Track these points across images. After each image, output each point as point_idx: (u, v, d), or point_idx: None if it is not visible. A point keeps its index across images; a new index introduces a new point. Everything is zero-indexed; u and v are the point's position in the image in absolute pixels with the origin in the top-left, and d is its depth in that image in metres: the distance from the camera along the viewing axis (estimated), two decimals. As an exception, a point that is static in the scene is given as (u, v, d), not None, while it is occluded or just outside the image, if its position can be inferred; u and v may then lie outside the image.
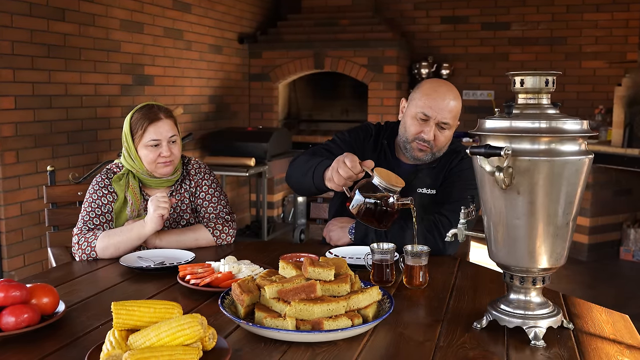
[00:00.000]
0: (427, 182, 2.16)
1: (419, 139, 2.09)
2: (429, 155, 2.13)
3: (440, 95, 2.06)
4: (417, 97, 2.10)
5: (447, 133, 2.10)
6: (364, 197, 1.69)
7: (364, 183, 1.73)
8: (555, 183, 1.24)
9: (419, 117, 2.08)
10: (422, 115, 2.07)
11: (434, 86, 2.11)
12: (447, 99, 2.06)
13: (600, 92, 5.73)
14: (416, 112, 2.08)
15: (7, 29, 3.36)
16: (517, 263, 1.32)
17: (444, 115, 2.05)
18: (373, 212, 1.69)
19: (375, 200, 1.68)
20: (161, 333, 1.14)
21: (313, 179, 1.98)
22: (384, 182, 1.66)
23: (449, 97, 2.06)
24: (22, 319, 1.31)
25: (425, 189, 2.15)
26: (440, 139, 2.09)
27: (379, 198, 1.68)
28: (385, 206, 1.68)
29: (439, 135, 2.09)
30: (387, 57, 5.66)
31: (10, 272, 3.48)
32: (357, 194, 1.71)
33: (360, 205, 1.69)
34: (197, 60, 5.21)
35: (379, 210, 1.69)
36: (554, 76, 1.31)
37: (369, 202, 1.68)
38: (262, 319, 1.31)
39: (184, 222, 2.16)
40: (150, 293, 1.63)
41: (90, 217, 2.04)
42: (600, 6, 5.70)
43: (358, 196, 1.70)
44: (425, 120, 2.07)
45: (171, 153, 2.08)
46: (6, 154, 3.41)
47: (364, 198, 1.69)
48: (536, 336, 1.28)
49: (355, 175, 1.76)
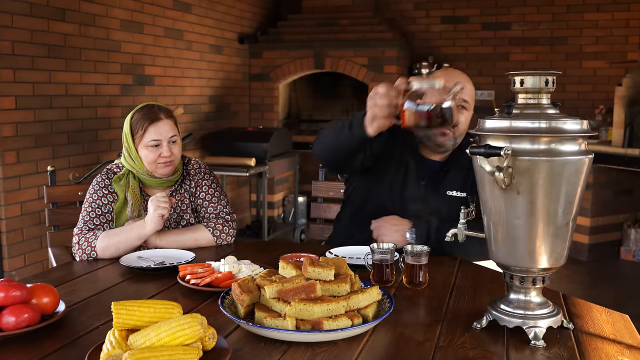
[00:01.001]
0: (457, 184, 2.09)
1: None
2: (451, 141, 2.07)
3: (454, 77, 2.02)
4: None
5: (466, 114, 2.06)
6: (416, 104, 1.58)
7: (407, 98, 1.61)
8: (555, 183, 1.24)
9: None
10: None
11: (447, 70, 2.09)
12: (461, 80, 2.02)
13: (600, 92, 5.73)
14: None
15: (8, 29, 3.36)
16: (517, 263, 1.32)
17: (463, 92, 2.01)
18: (432, 112, 1.58)
19: (428, 103, 1.58)
20: (161, 333, 1.14)
21: (351, 129, 1.81)
22: (424, 82, 1.56)
23: (463, 79, 2.05)
24: (23, 318, 1.31)
25: (455, 192, 2.09)
26: (461, 119, 2.04)
27: (428, 100, 1.59)
28: (438, 102, 1.58)
29: (459, 116, 2.03)
30: (388, 57, 5.66)
31: (11, 272, 3.48)
32: (407, 106, 1.59)
33: (416, 114, 1.58)
34: (197, 60, 5.21)
35: (434, 108, 1.58)
36: (554, 76, 1.31)
37: (423, 107, 1.57)
38: (262, 319, 1.31)
39: (184, 222, 2.16)
40: (151, 293, 1.63)
41: (90, 217, 2.04)
42: (601, 6, 5.70)
43: (409, 106, 1.59)
44: None
45: (171, 153, 2.08)
46: (7, 154, 3.41)
47: (416, 105, 1.58)
48: (536, 336, 1.28)
49: (396, 99, 1.63)
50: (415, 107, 1.58)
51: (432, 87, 1.57)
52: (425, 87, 1.57)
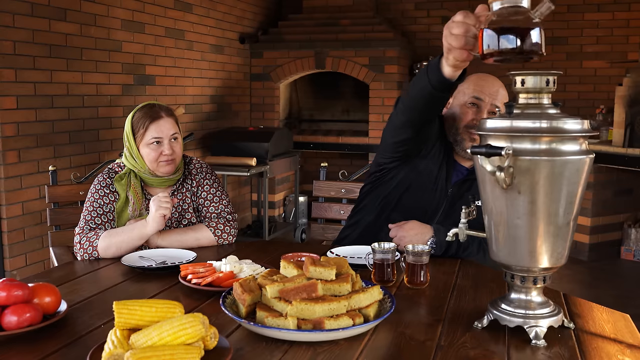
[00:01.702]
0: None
1: (471, 126, 1.98)
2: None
3: (489, 82, 2.01)
4: (465, 86, 2.03)
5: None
6: (499, 29, 1.30)
7: (487, 24, 1.34)
8: (556, 183, 1.24)
9: (471, 103, 2.00)
10: (474, 99, 1.99)
11: (482, 75, 2.05)
12: (496, 85, 2.01)
13: (601, 92, 5.73)
14: (466, 99, 2.01)
15: (9, 29, 3.37)
16: (517, 262, 1.32)
17: (497, 98, 1.98)
18: (517, 35, 1.30)
19: (511, 27, 1.30)
20: (163, 332, 1.14)
21: (428, 76, 1.64)
22: (506, 2, 1.29)
23: (498, 84, 2.03)
24: (25, 318, 1.31)
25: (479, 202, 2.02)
26: None
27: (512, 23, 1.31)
28: (524, 25, 1.30)
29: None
30: (388, 57, 5.66)
31: (12, 271, 3.48)
32: (486, 31, 1.32)
33: (497, 39, 1.30)
34: (198, 60, 5.21)
35: (518, 30, 1.30)
36: (555, 76, 1.31)
37: (505, 30, 1.29)
38: (263, 319, 1.31)
39: (186, 222, 2.17)
40: (152, 292, 1.64)
41: (92, 216, 2.05)
42: (601, 6, 5.70)
43: (489, 31, 1.31)
44: (477, 106, 2.00)
45: (173, 151, 2.09)
46: (8, 153, 3.41)
47: (498, 30, 1.30)
48: (537, 335, 1.29)
49: (474, 27, 1.41)
50: (497, 32, 1.30)
51: (516, 6, 1.30)
52: (507, 5, 1.30)
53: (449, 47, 1.47)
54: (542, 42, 1.30)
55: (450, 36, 1.44)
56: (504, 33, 1.29)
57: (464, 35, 1.42)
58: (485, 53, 1.32)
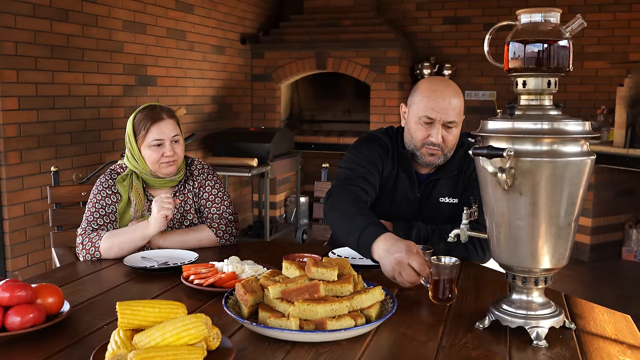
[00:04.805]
0: (448, 190, 2.09)
1: (428, 143, 2.00)
2: (441, 158, 2.04)
3: (440, 95, 1.96)
4: (417, 100, 2.01)
5: (454, 131, 2.00)
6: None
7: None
8: (557, 184, 1.24)
9: (423, 122, 1.99)
10: (426, 118, 1.97)
11: (432, 85, 2.01)
12: (447, 97, 1.96)
13: (602, 93, 5.73)
14: (419, 116, 1.99)
15: (11, 30, 3.37)
16: (519, 263, 1.33)
17: (449, 114, 1.96)
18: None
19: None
20: (166, 333, 1.15)
21: (358, 248, 1.74)
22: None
23: (449, 95, 1.97)
24: (28, 318, 1.32)
25: (447, 198, 2.08)
26: (449, 138, 2.00)
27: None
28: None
29: (447, 135, 1.99)
30: (389, 58, 5.67)
31: (14, 272, 3.49)
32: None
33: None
34: (199, 60, 5.22)
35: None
36: (556, 77, 1.31)
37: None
38: (265, 319, 1.31)
39: (188, 223, 2.17)
40: (155, 293, 1.64)
41: (94, 217, 2.05)
42: (602, 7, 5.70)
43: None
44: (430, 124, 1.98)
45: (174, 152, 2.09)
46: (10, 154, 3.42)
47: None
48: (538, 336, 1.29)
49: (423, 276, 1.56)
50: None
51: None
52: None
53: (391, 277, 1.61)
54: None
55: (400, 276, 1.57)
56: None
57: (411, 283, 1.57)
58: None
